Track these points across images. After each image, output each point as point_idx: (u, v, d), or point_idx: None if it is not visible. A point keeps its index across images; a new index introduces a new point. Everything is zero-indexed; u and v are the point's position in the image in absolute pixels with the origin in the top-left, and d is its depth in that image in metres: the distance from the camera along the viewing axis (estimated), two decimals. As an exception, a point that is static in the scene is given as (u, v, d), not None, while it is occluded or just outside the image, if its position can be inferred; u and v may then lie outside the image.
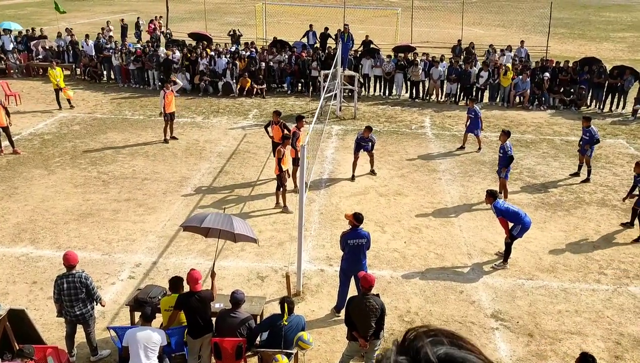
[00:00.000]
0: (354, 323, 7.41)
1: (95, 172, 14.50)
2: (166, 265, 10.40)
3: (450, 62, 21.79)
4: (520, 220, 10.25)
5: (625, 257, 11.06)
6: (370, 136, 14.02)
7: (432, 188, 13.99)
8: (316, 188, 13.71)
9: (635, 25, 43.82)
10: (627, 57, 29.51)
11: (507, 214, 10.23)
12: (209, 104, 20.62)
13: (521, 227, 10.28)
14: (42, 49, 24.35)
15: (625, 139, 17.94)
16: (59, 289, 7.67)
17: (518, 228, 10.30)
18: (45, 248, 10.88)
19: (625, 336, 8.76)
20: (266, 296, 9.18)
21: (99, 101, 20.84)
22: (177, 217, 12.12)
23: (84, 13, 43.17)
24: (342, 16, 26.82)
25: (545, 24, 28.94)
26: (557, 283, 10.13)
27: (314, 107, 18.24)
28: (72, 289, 7.64)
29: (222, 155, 15.86)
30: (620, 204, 13.10)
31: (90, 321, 7.88)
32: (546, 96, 20.95)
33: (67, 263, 7.75)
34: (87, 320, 7.84)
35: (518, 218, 10.25)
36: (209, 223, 8.07)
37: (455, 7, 36.48)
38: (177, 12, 35.06)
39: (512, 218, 10.26)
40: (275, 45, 23.97)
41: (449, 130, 18.34)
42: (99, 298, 7.92)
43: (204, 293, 7.52)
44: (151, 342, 6.88)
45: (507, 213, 10.23)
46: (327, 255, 10.78)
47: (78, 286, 7.64)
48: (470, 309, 9.38)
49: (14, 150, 15.45)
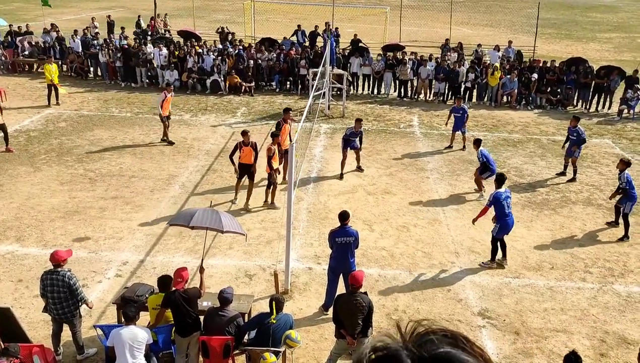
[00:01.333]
0: (342, 321, 7.43)
1: (81, 169, 14.38)
2: (153, 264, 10.35)
3: (437, 62, 21.86)
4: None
5: (610, 256, 11.18)
6: (360, 129, 14.10)
7: (420, 187, 14.05)
8: (305, 187, 13.71)
9: (621, 26, 44.27)
10: (613, 58, 29.80)
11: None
12: (197, 102, 20.53)
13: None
14: (28, 45, 24.09)
15: (611, 138, 18.12)
16: (44, 285, 7.64)
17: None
18: (31, 246, 10.78)
19: (610, 334, 8.86)
20: (254, 294, 9.17)
21: (86, 98, 20.66)
22: (165, 214, 12.06)
23: (71, 9, 42.75)
24: (331, 14, 26.80)
25: (533, 24, 29.14)
26: (543, 282, 10.22)
27: (303, 106, 18.23)
28: (56, 287, 7.58)
29: (210, 153, 15.80)
30: (606, 203, 13.23)
31: (75, 320, 7.81)
32: (533, 96, 21.11)
33: (53, 261, 7.69)
34: (70, 320, 7.77)
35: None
36: (197, 221, 8.04)
37: (443, 6, 36.59)
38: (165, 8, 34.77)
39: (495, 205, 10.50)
40: (264, 43, 23.92)
41: (437, 129, 18.42)
42: (83, 299, 7.82)
43: (191, 291, 7.50)
44: (136, 340, 6.84)
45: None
46: (315, 254, 10.79)
47: (61, 284, 7.57)
48: (457, 307, 9.44)
49: (7, 148, 15.21)
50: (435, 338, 1.13)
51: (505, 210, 10.34)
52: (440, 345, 1.12)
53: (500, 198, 10.31)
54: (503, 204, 10.32)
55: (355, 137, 14.17)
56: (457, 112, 16.28)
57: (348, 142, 14.16)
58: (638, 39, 36.89)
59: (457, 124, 16.32)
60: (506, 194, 10.46)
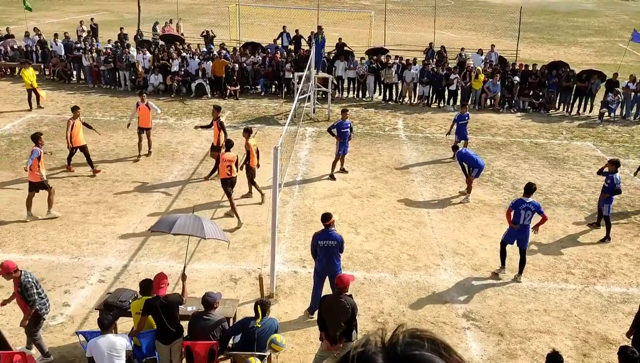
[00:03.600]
0: (324, 322, 7.42)
1: (64, 173, 14.23)
2: (137, 269, 10.26)
3: (422, 64, 22.00)
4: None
5: (592, 257, 11.31)
6: (347, 120, 14.31)
7: (405, 189, 14.10)
8: (290, 190, 13.70)
9: (602, 30, 44.88)
10: (594, 62, 30.19)
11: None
12: (181, 105, 20.43)
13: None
14: (10, 49, 23.82)
15: (592, 141, 18.35)
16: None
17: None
18: (12, 252, 10.63)
19: (593, 334, 8.95)
20: (239, 298, 9.14)
21: (69, 102, 20.43)
22: (149, 219, 11.97)
23: (54, 12, 42.35)
24: (315, 18, 26.86)
25: (515, 28, 29.44)
26: (527, 283, 10.31)
27: (288, 109, 18.22)
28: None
29: (194, 157, 15.72)
30: (587, 205, 13.40)
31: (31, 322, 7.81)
32: (516, 99, 21.31)
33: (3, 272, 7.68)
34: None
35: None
36: (179, 228, 7.92)
37: (427, 10, 36.85)
38: (149, 12, 34.65)
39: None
40: (247, 47, 23.90)
41: (422, 132, 18.52)
42: (31, 302, 7.71)
43: (172, 297, 7.41)
44: (114, 349, 6.78)
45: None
46: (300, 257, 10.78)
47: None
48: (442, 309, 9.48)
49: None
50: (413, 342, 1.15)
51: (518, 219, 10.05)
52: (416, 348, 1.14)
53: (518, 206, 10.05)
54: (520, 212, 10.02)
55: (346, 127, 14.17)
56: (462, 119, 15.73)
57: (341, 133, 14.13)
58: (619, 43, 37.42)
59: (462, 131, 15.83)
60: (526, 205, 10.02)
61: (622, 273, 10.76)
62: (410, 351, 1.13)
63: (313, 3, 34.20)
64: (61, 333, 8.58)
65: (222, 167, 11.95)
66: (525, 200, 10.09)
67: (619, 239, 12.03)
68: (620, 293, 10.13)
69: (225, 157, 11.93)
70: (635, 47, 30.58)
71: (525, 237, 10.19)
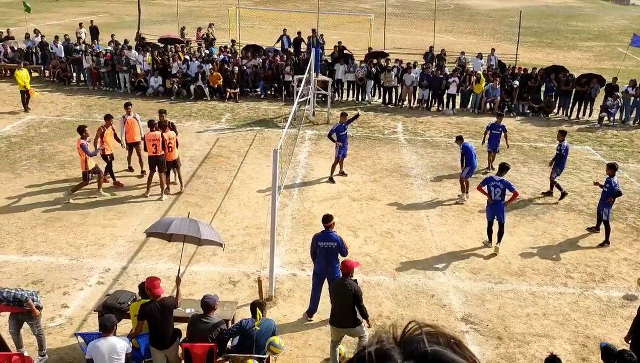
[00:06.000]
0: (332, 305, 8.03)
1: (63, 175, 14.23)
2: (136, 270, 10.26)
3: (422, 68, 22.02)
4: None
5: (592, 261, 11.31)
6: (345, 123, 14.30)
7: (404, 193, 14.11)
8: (289, 193, 13.70)
9: (602, 34, 44.97)
10: (593, 66, 30.24)
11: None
12: (181, 108, 20.44)
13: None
14: (10, 50, 23.84)
15: (591, 145, 18.37)
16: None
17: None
18: (11, 254, 10.63)
19: (592, 338, 8.95)
20: (238, 301, 9.13)
21: (68, 103, 20.47)
22: (148, 221, 11.93)
23: (54, 14, 42.40)
24: (315, 21, 26.89)
25: (515, 32, 29.49)
26: (526, 287, 10.31)
27: (287, 112, 18.23)
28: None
29: (194, 159, 15.72)
30: (587, 209, 13.41)
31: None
32: (516, 103, 21.34)
33: None
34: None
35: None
36: (175, 229, 7.88)
37: (427, 14, 36.93)
38: (150, 14, 34.68)
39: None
40: (249, 49, 23.92)
41: (421, 136, 18.53)
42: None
43: (167, 301, 7.33)
44: (115, 351, 6.74)
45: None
46: (299, 260, 10.77)
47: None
48: (441, 313, 9.48)
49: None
50: (427, 337, 1.16)
51: (491, 195, 11.15)
52: (430, 345, 1.15)
53: (489, 183, 11.16)
54: (490, 189, 11.11)
55: (344, 129, 14.17)
56: (496, 129, 15.23)
57: (340, 137, 14.12)
58: (618, 47, 37.50)
59: (495, 142, 15.29)
60: (495, 183, 11.09)
61: (621, 278, 10.76)
62: (425, 347, 1.14)
63: (313, 6, 34.25)
64: (60, 335, 8.57)
65: (147, 145, 13.03)
66: (495, 178, 11.22)
67: (618, 243, 12.04)
68: (619, 297, 10.13)
69: (149, 136, 12.97)
70: (634, 52, 30.65)
71: (501, 212, 11.23)
